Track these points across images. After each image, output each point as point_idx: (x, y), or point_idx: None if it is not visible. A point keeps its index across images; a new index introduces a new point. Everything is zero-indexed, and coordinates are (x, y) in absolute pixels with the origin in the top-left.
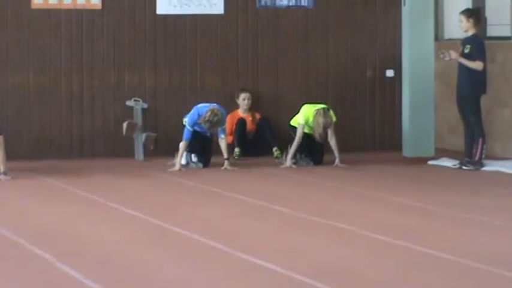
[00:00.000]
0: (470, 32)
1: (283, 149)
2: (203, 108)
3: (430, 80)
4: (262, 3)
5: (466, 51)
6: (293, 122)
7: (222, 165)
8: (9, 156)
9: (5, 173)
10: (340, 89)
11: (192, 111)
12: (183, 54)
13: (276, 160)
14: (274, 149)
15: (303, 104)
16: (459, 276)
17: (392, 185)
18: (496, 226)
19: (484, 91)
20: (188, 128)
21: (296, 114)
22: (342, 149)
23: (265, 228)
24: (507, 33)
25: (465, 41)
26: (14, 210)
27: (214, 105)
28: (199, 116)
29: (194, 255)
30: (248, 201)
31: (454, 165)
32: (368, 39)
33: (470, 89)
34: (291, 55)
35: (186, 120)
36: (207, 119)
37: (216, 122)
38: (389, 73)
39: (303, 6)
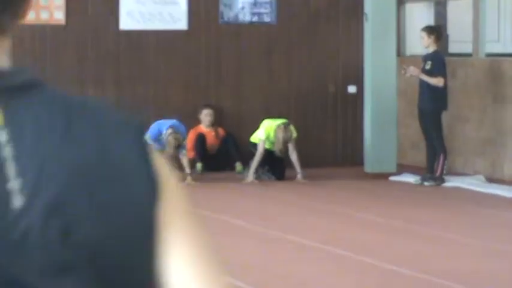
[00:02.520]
0: (432, 49)
1: (246, 165)
2: (163, 125)
3: (392, 96)
4: (225, 19)
5: (427, 67)
6: (253, 139)
7: (185, 179)
8: None
9: None
10: (303, 104)
11: (153, 126)
12: (147, 69)
13: (238, 175)
14: (237, 163)
15: (263, 119)
16: None
17: (353, 201)
18: (457, 242)
19: (445, 107)
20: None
21: (256, 130)
22: (304, 164)
23: (225, 243)
24: (468, 51)
25: (426, 57)
26: None
27: (173, 124)
28: (159, 132)
29: None
30: (209, 216)
31: (416, 180)
32: (330, 55)
33: (431, 105)
34: (254, 71)
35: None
36: (170, 143)
37: (178, 146)
38: (352, 89)
39: (266, 23)
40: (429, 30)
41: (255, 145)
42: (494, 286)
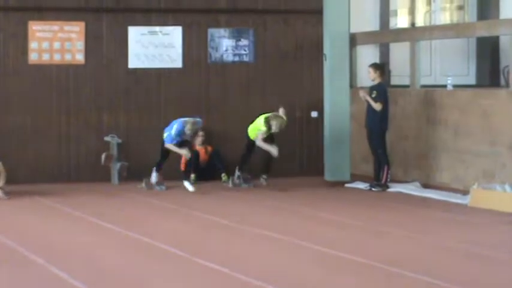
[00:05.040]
0: (377, 81)
1: (230, 175)
2: (182, 123)
3: (346, 119)
4: (213, 59)
5: (373, 95)
6: (251, 132)
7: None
8: (10, 180)
9: (5, 193)
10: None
11: (175, 125)
12: (150, 99)
13: (224, 184)
14: (223, 175)
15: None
16: (371, 277)
17: (316, 203)
18: (401, 236)
19: (387, 128)
20: (172, 137)
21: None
22: (276, 174)
23: (216, 238)
24: (407, 83)
25: (372, 88)
26: (11, 223)
27: (190, 119)
28: (183, 127)
29: (158, 259)
30: (201, 217)
31: (366, 187)
32: (297, 87)
33: (377, 126)
34: (236, 100)
35: (166, 135)
36: (189, 129)
37: (197, 130)
38: (314, 114)
39: (245, 62)
40: (375, 66)
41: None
42: (428, 268)
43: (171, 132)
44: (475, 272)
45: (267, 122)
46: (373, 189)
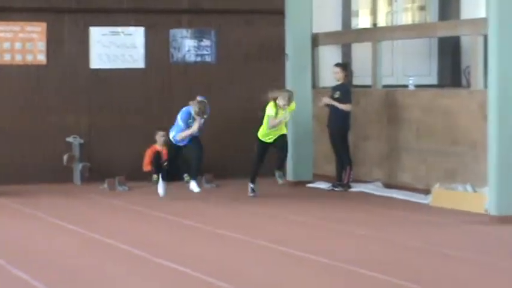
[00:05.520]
0: (341, 81)
1: (192, 176)
2: (186, 109)
3: (308, 120)
4: (175, 59)
5: (336, 96)
6: (261, 133)
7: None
8: None
9: None
10: (238, 125)
11: (178, 116)
12: (112, 100)
13: (186, 184)
14: (185, 175)
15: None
16: (332, 276)
17: (279, 202)
18: (363, 235)
19: (349, 128)
20: (181, 127)
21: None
22: (239, 174)
23: (177, 238)
24: (369, 83)
25: (335, 88)
26: None
27: (194, 101)
28: (189, 111)
29: (119, 260)
30: (164, 217)
31: (328, 187)
32: (259, 87)
33: (338, 126)
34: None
35: (173, 133)
36: (197, 108)
37: (205, 108)
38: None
39: (207, 62)
40: (343, 66)
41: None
42: (388, 268)
43: (178, 123)
44: (435, 271)
45: (274, 103)
46: (335, 189)
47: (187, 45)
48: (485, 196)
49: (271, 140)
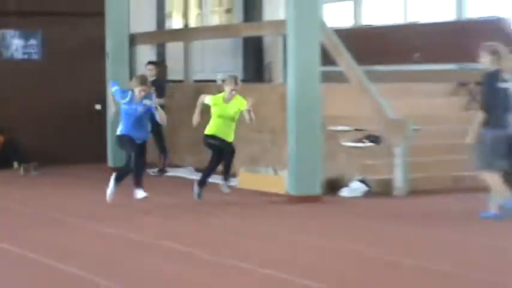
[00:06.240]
0: (155, 77)
1: (22, 164)
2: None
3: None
4: (4, 57)
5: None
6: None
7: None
8: None
9: None
10: (64, 115)
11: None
12: None
13: (17, 172)
14: (15, 163)
15: None
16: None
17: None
18: (174, 214)
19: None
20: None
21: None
22: (62, 161)
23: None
24: (182, 78)
25: (152, 83)
26: None
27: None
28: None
29: None
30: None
31: (153, 172)
32: (83, 83)
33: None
34: (30, 94)
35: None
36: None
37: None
38: (98, 107)
39: (35, 60)
40: (156, 63)
41: (207, 137)
42: (193, 241)
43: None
44: (226, 245)
45: (216, 96)
46: (152, 173)
47: (15, 44)
48: (285, 178)
49: (221, 137)
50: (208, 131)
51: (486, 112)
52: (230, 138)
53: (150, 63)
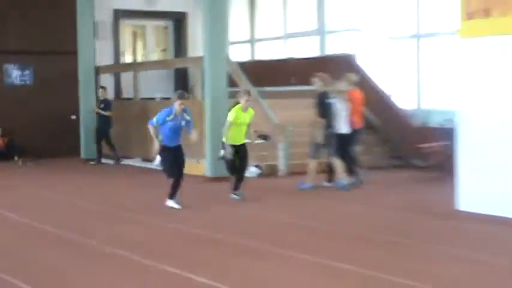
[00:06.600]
0: (105, 97)
1: (20, 157)
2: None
3: (93, 119)
4: (7, 83)
5: (101, 106)
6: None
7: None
8: None
9: None
10: (53, 125)
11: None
12: None
13: (18, 163)
14: (16, 157)
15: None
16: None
17: (75, 171)
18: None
19: (110, 126)
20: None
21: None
22: (46, 155)
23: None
24: (131, 96)
25: (101, 102)
26: None
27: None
28: (171, 107)
29: None
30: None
31: (112, 163)
32: (64, 100)
33: (104, 125)
34: (26, 108)
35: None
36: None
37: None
38: (73, 117)
39: (28, 84)
40: (103, 87)
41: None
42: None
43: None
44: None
45: (236, 108)
46: (110, 162)
47: (15, 74)
48: (204, 165)
49: (238, 143)
50: (232, 141)
51: (322, 118)
52: (243, 141)
53: (101, 87)
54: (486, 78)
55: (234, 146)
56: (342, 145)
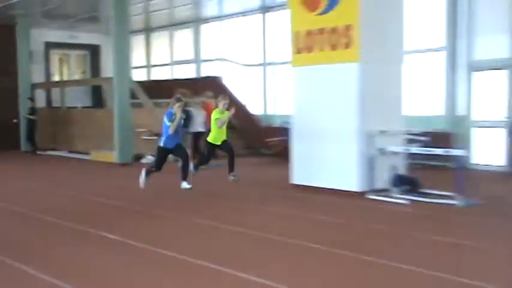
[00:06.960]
0: (31, 105)
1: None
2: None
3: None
4: None
5: (29, 112)
6: (211, 139)
7: None
8: None
9: None
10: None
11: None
12: None
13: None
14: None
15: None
16: None
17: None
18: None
19: (35, 127)
20: (167, 124)
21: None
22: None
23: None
24: (59, 105)
25: (30, 109)
26: None
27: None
28: (170, 111)
29: None
30: None
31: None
32: (8, 109)
33: (28, 127)
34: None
35: (164, 138)
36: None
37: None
38: (15, 120)
39: None
40: (31, 98)
41: (209, 145)
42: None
43: (165, 124)
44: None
45: (216, 110)
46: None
47: None
48: (114, 154)
49: (218, 143)
50: (214, 140)
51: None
52: (225, 138)
53: (28, 98)
54: (308, 94)
55: (216, 145)
56: (197, 140)
